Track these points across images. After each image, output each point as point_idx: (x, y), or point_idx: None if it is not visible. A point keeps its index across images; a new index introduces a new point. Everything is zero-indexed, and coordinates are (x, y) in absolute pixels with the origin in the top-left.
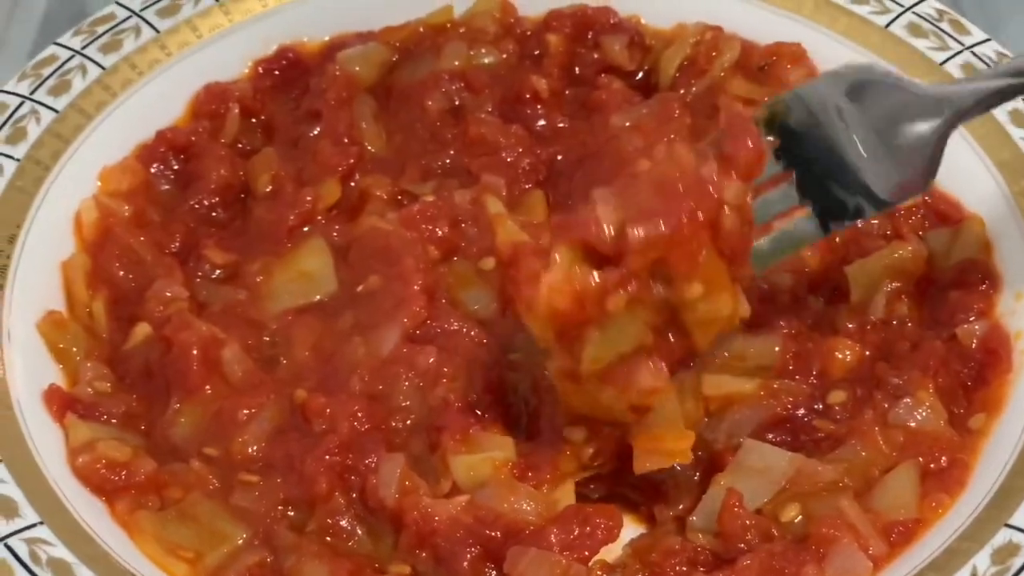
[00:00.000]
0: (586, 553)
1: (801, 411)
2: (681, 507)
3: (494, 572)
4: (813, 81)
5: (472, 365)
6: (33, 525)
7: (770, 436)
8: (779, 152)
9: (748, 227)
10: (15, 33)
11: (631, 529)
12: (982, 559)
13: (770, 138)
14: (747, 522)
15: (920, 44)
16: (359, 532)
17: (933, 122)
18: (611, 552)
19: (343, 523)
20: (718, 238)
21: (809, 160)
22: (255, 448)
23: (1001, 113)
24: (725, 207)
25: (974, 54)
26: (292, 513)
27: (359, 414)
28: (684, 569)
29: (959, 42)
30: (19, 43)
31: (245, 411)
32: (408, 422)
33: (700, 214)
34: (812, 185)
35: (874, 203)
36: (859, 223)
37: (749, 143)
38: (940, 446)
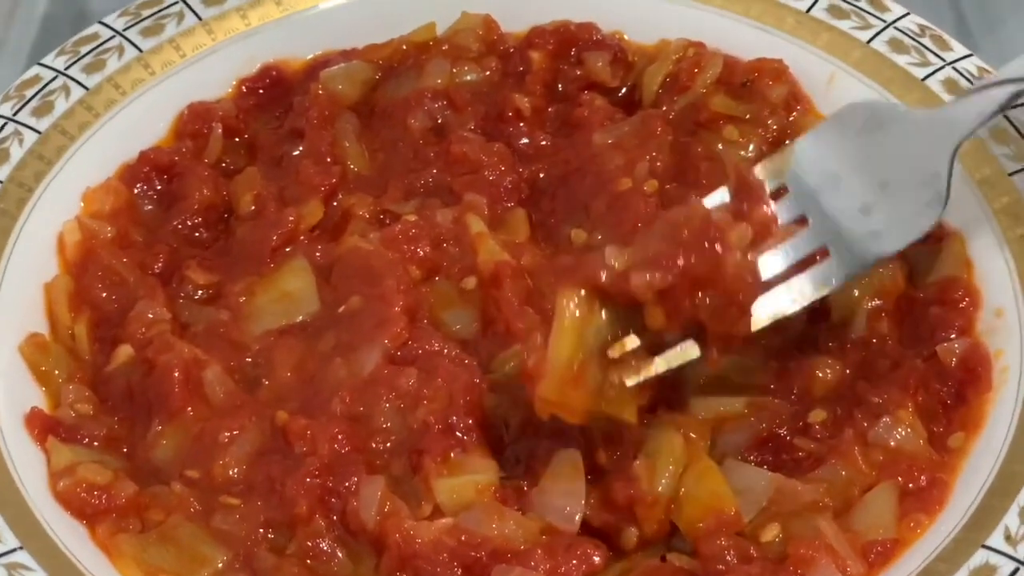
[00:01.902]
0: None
1: (783, 430)
2: None
3: None
4: (817, 128)
5: (453, 386)
6: (13, 550)
7: (752, 456)
8: (790, 202)
9: (754, 280)
10: (15, 33)
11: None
12: None
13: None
14: (725, 543)
15: (901, 60)
16: (339, 555)
17: (940, 154)
18: None
19: (323, 546)
20: (721, 282)
21: (821, 207)
22: (236, 470)
23: (982, 131)
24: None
25: (955, 70)
26: (272, 536)
27: (340, 436)
28: None
29: (940, 58)
30: (19, 43)
31: (226, 433)
32: (388, 444)
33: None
34: (826, 230)
35: (890, 244)
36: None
37: (762, 206)
38: (919, 465)
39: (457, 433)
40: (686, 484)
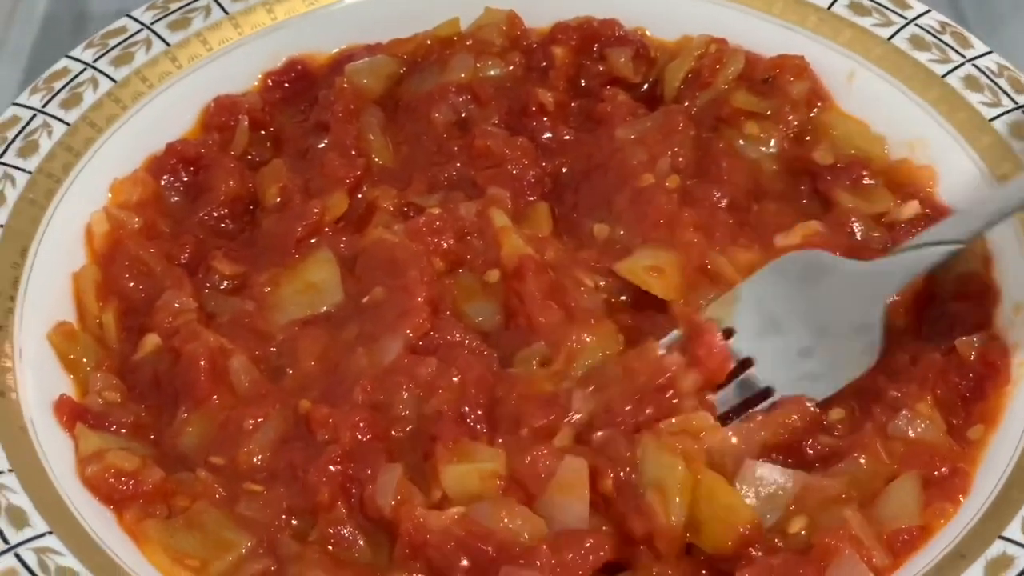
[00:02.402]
0: (579, 573)
1: (803, 430)
2: None
3: None
4: (760, 274)
5: (467, 376)
6: (42, 535)
7: (773, 456)
8: (737, 343)
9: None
10: (15, 33)
11: None
12: (976, 571)
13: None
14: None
15: (922, 57)
16: (360, 542)
17: (872, 307)
18: None
19: (344, 532)
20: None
21: (764, 349)
22: (260, 458)
23: (1001, 125)
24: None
25: (976, 67)
26: (295, 522)
27: (361, 424)
28: None
29: (961, 55)
30: (19, 43)
31: (251, 421)
32: (406, 431)
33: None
34: (768, 371)
35: (825, 388)
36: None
37: (714, 348)
38: (940, 456)
39: (468, 422)
40: (699, 505)
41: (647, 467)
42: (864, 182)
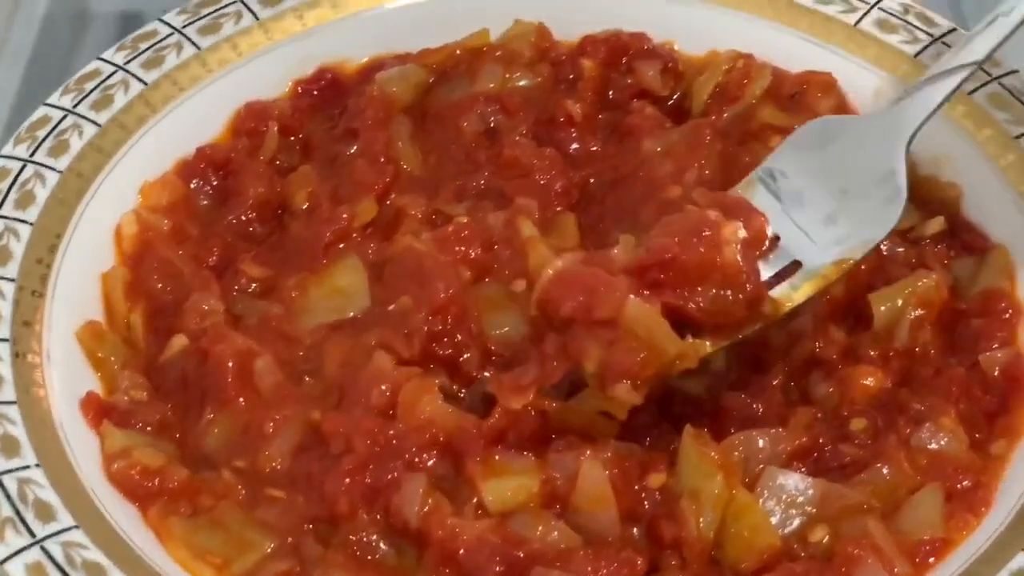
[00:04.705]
0: None
1: (823, 439)
2: None
3: None
4: (773, 155)
5: None
6: (68, 528)
7: (794, 464)
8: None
9: (751, 273)
10: (16, 33)
11: None
12: None
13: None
14: None
15: None
16: (384, 546)
17: (893, 152)
18: None
19: (367, 539)
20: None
21: (790, 224)
22: (279, 463)
23: None
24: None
25: (1002, 85)
26: (318, 528)
27: (375, 431)
28: None
29: (987, 73)
30: (20, 43)
31: (270, 424)
32: (429, 438)
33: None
34: (797, 245)
35: (857, 249)
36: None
37: (753, 213)
38: (963, 469)
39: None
40: (726, 520)
41: (686, 475)
42: None
